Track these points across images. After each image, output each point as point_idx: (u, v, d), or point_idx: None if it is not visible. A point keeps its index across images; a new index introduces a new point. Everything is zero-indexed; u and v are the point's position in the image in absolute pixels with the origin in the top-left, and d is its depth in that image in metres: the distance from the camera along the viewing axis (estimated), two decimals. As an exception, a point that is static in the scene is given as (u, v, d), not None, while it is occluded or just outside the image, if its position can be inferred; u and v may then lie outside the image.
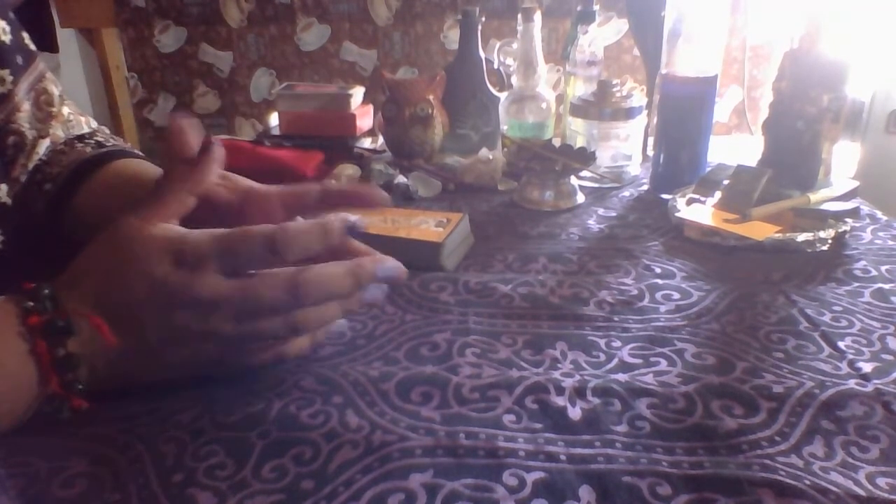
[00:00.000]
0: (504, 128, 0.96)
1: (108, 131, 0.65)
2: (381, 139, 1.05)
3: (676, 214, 0.70)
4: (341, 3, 1.35)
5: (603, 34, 1.26)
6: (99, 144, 0.60)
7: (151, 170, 0.58)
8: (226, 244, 0.38)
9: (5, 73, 0.53)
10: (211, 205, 0.45)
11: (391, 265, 0.43)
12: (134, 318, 0.38)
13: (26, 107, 0.56)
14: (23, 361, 0.36)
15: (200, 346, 0.40)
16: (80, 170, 0.56)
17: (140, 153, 0.62)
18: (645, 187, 0.85)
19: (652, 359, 0.46)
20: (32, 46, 0.58)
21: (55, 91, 0.60)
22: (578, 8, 0.95)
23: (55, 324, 0.36)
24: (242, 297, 0.38)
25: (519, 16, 0.91)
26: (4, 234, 0.52)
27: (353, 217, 0.41)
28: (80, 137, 0.61)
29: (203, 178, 0.43)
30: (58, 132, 0.59)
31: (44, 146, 0.57)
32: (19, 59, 0.55)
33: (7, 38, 0.54)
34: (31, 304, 0.36)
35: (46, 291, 0.37)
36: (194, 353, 0.40)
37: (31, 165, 0.56)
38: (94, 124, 0.65)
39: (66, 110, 0.61)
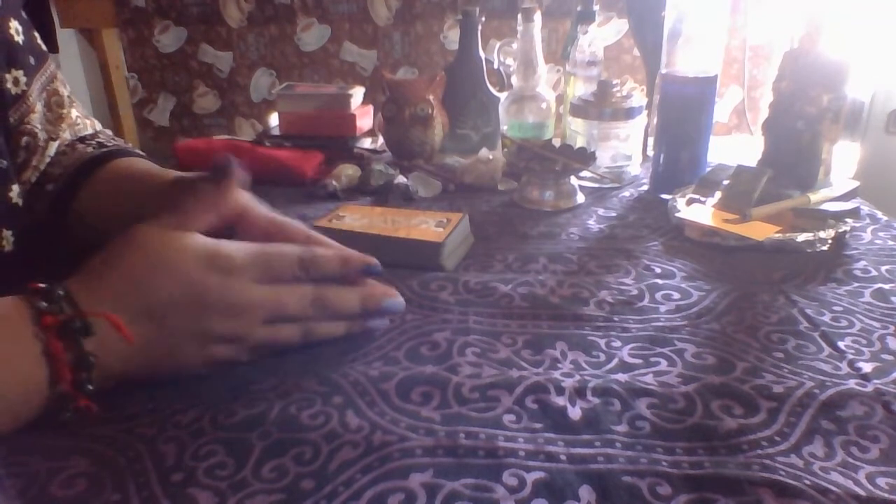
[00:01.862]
0: (504, 128, 0.96)
1: (110, 133, 0.65)
2: (381, 139, 1.05)
3: (676, 214, 0.70)
4: (341, 3, 1.35)
5: (603, 34, 1.26)
6: (100, 145, 0.60)
7: (152, 168, 0.58)
8: (262, 257, 0.42)
9: (19, 73, 0.53)
10: None
11: (395, 301, 0.49)
12: (160, 319, 0.39)
13: (39, 108, 0.56)
14: (36, 362, 0.36)
15: (219, 348, 0.41)
16: (82, 170, 0.56)
17: (141, 152, 0.62)
18: (645, 187, 0.85)
19: (652, 359, 0.46)
20: (44, 46, 0.58)
21: (65, 92, 0.60)
22: (578, 8, 0.95)
23: (73, 324, 0.36)
24: (272, 304, 0.42)
25: (519, 16, 0.91)
26: (16, 235, 0.52)
27: (372, 260, 0.47)
28: (83, 139, 0.61)
29: (228, 199, 0.45)
30: (66, 134, 0.59)
31: (53, 148, 0.57)
32: (32, 60, 0.55)
33: (20, 39, 0.53)
34: (45, 304, 0.36)
35: (61, 292, 0.37)
36: (210, 354, 0.41)
37: (42, 167, 0.56)
38: (99, 126, 0.65)
39: (74, 113, 0.61)
